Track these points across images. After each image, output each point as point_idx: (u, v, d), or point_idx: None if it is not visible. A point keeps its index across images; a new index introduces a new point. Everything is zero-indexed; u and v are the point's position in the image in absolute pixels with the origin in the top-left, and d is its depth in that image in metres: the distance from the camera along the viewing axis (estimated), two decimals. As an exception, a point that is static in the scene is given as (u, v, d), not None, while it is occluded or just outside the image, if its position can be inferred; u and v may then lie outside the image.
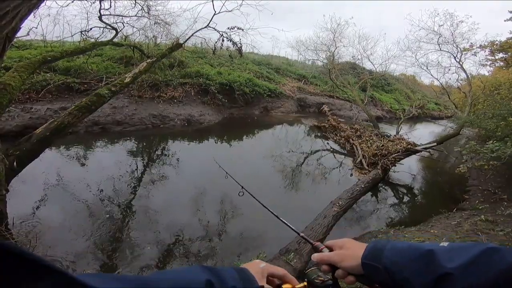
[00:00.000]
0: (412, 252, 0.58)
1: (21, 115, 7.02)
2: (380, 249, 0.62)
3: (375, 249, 0.63)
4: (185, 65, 12.33)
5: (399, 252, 0.60)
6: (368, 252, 0.64)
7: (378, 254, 0.61)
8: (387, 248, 0.62)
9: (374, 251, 0.63)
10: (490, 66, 11.10)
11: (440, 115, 21.02)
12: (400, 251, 0.60)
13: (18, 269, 0.27)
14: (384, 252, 0.61)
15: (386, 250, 0.61)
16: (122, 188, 5.24)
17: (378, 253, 0.62)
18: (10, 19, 1.88)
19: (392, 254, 0.60)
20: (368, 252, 0.64)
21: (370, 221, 5.49)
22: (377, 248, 0.63)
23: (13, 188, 3.74)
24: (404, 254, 0.59)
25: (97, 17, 7.68)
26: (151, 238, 3.97)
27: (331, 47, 14.78)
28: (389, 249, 0.61)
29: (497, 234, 4.07)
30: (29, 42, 10.39)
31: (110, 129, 8.20)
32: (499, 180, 7.02)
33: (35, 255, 0.29)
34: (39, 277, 0.28)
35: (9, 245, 0.27)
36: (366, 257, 0.63)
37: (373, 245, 0.65)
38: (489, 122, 6.73)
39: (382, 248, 0.62)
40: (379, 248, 0.63)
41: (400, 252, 0.59)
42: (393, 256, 0.59)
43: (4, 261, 0.26)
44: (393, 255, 0.60)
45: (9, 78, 3.74)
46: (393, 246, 0.62)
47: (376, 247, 0.64)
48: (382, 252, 0.61)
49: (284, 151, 8.89)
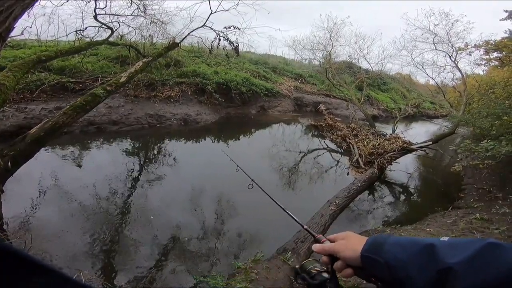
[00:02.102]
0: (412, 246, 0.58)
1: (15, 115, 6.95)
2: (381, 243, 0.63)
3: (376, 243, 0.64)
4: (181, 64, 12.28)
5: (400, 246, 0.60)
6: (368, 246, 0.64)
7: (379, 248, 0.62)
8: (387, 242, 0.62)
9: (374, 245, 0.64)
10: (485, 65, 11.15)
11: (436, 114, 21.14)
12: (401, 245, 0.60)
13: (15, 269, 0.27)
14: (384, 246, 0.61)
15: (386, 244, 0.61)
16: (118, 188, 5.21)
17: (379, 247, 0.62)
18: (4, 19, 1.86)
19: (393, 248, 0.60)
20: (369, 245, 0.64)
21: (366, 219, 5.51)
22: (378, 242, 0.64)
23: (8, 189, 3.70)
24: (405, 248, 0.59)
25: (92, 16, 7.64)
26: (147, 238, 3.95)
27: (328, 46, 14.83)
28: (390, 243, 0.62)
29: (492, 233, 4.11)
30: (23, 41, 10.29)
31: (106, 129, 8.14)
32: (494, 178, 7.08)
33: (31, 255, 0.30)
34: (35, 276, 0.29)
35: (5, 245, 0.27)
36: (366, 250, 0.64)
37: (374, 239, 0.65)
38: (484, 121, 6.78)
39: (382, 242, 0.63)
40: (380, 242, 0.63)
41: (401, 246, 0.60)
42: (394, 250, 0.60)
43: (1, 261, 0.26)
44: (394, 249, 0.60)
45: (3, 78, 3.70)
46: (394, 241, 0.62)
47: (376, 241, 0.64)
48: (382, 246, 0.62)
49: (281, 150, 8.91)
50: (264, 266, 3.23)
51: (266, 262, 3.35)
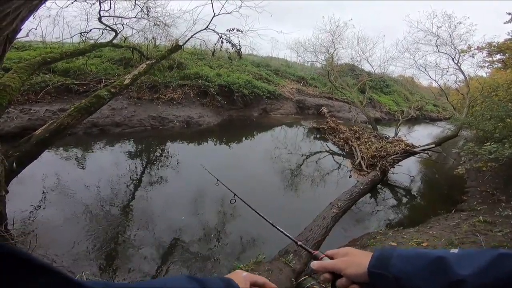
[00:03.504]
0: (421, 259, 0.57)
1: (20, 116, 7.01)
2: (387, 257, 0.61)
3: (382, 257, 0.62)
4: (184, 66, 12.34)
5: (407, 259, 0.59)
6: (375, 261, 0.62)
7: (386, 262, 0.60)
8: (394, 256, 0.60)
9: (381, 259, 0.62)
10: (488, 67, 11.14)
11: (439, 117, 21.09)
12: (408, 258, 0.59)
13: (15, 269, 0.27)
14: (391, 260, 0.60)
15: (394, 258, 0.60)
16: (121, 190, 5.24)
17: (386, 261, 0.60)
18: (11, 20, 1.89)
19: (400, 262, 0.59)
20: (375, 260, 0.62)
21: (369, 222, 5.49)
22: (384, 256, 0.62)
23: (13, 189, 3.73)
24: (413, 262, 0.58)
25: (97, 19, 7.69)
26: (149, 239, 3.96)
27: (330, 49, 14.81)
28: (397, 256, 0.60)
29: (495, 235, 4.08)
30: (29, 43, 10.38)
31: (109, 131, 8.20)
32: (497, 181, 7.04)
33: (32, 255, 0.30)
34: (35, 276, 0.29)
35: (6, 246, 0.27)
36: (373, 266, 0.62)
37: (380, 253, 0.64)
38: (487, 124, 6.74)
39: (389, 256, 0.61)
40: (386, 257, 0.61)
41: (409, 260, 0.58)
42: (402, 264, 0.58)
43: (2, 261, 0.27)
44: (401, 263, 0.58)
45: (9, 79, 3.74)
46: (401, 254, 0.61)
47: (383, 255, 0.62)
48: (389, 260, 0.60)
49: (283, 152, 8.91)
50: (266, 268, 3.23)
51: (268, 264, 3.34)
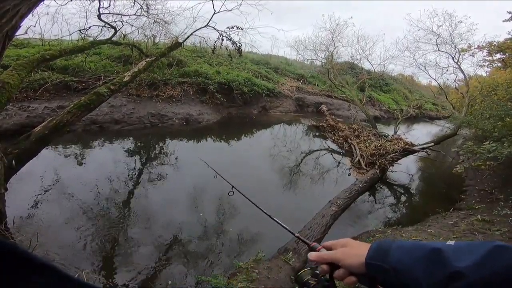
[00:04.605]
0: (418, 251, 0.57)
1: (18, 114, 6.99)
2: (386, 249, 0.60)
3: (381, 249, 0.62)
4: (183, 64, 12.30)
5: (405, 251, 0.58)
6: (373, 252, 0.62)
7: (384, 254, 0.60)
8: (393, 248, 0.60)
9: (379, 251, 0.61)
10: (488, 66, 11.16)
11: (438, 116, 21.08)
12: (406, 250, 0.59)
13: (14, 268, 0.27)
14: (390, 252, 0.59)
15: (392, 250, 0.60)
16: (120, 187, 5.24)
17: (384, 253, 0.60)
18: (10, 17, 1.88)
19: (399, 253, 0.58)
20: (373, 252, 0.62)
21: (368, 220, 5.52)
22: (383, 248, 0.61)
23: (12, 187, 3.72)
24: (411, 253, 0.57)
25: (96, 16, 7.64)
26: (149, 237, 3.97)
27: (330, 47, 14.81)
28: (395, 248, 0.60)
29: (493, 234, 4.11)
30: (27, 40, 10.32)
31: (108, 128, 8.18)
32: (495, 180, 7.07)
33: (30, 253, 0.30)
34: (35, 275, 0.29)
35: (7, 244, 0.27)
36: (371, 257, 0.61)
37: (378, 245, 0.63)
38: (486, 123, 6.76)
39: (388, 248, 0.61)
40: (385, 248, 0.61)
41: (407, 251, 0.58)
42: (400, 255, 0.58)
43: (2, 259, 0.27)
44: (399, 254, 0.58)
45: (8, 76, 3.71)
46: (399, 245, 0.60)
47: (381, 247, 0.62)
48: (388, 252, 0.60)
49: (282, 150, 8.91)
50: (265, 266, 3.24)
51: (267, 262, 3.36)
